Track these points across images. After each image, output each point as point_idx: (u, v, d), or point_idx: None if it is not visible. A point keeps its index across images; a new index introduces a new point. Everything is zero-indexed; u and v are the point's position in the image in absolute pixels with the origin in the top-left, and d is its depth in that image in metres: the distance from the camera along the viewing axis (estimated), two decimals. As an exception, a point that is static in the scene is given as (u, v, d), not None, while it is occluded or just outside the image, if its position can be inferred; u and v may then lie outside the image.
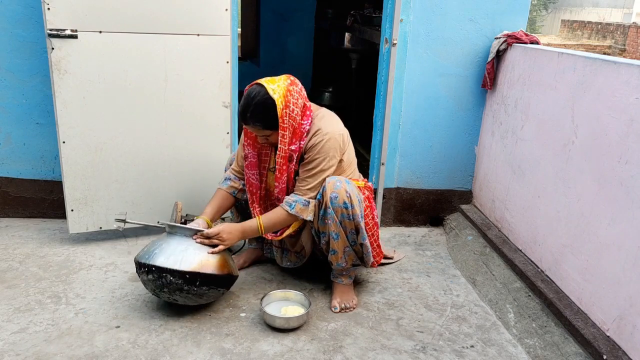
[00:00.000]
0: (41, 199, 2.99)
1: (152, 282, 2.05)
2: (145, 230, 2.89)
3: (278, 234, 2.30)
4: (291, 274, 2.53)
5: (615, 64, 1.93)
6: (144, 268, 2.04)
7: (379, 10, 4.11)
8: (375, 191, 3.09)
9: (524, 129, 2.56)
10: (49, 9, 2.33)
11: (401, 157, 3.08)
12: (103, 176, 2.64)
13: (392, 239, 3.02)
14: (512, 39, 2.74)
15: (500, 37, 2.82)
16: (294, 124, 2.12)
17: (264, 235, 2.31)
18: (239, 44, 6.21)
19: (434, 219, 3.24)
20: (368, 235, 2.25)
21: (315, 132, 2.16)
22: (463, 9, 2.86)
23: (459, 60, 2.95)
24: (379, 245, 2.38)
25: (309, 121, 2.18)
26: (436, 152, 3.09)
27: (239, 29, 5.88)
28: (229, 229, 2.15)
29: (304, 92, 2.20)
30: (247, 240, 2.64)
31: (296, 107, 2.12)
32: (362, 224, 2.18)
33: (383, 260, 2.67)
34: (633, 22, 15.56)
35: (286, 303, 2.24)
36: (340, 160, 2.23)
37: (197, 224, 2.20)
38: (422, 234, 3.13)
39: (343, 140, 2.22)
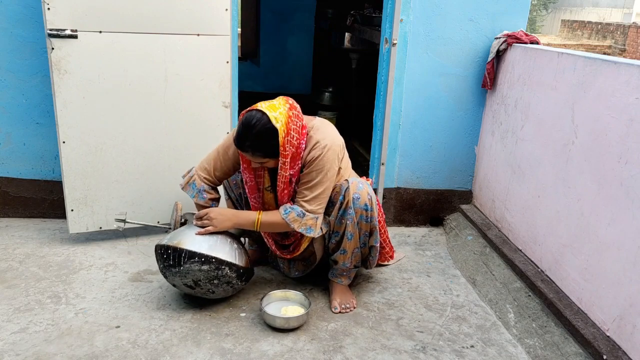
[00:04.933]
0: (41, 199, 2.99)
1: (205, 273, 2.07)
2: (145, 230, 2.88)
3: (291, 248, 2.31)
4: (291, 274, 2.54)
5: (615, 64, 1.93)
6: (199, 258, 2.04)
7: (379, 10, 4.11)
8: (375, 191, 3.09)
9: (524, 129, 2.56)
10: (49, 9, 2.33)
11: (401, 157, 3.08)
12: (103, 176, 2.64)
13: (392, 239, 3.01)
14: (512, 39, 2.74)
15: (500, 37, 2.82)
16: (293, 150, 2.05)
17: (276, 253, 2.34)
18: (239, 44, 6.21)
19: (434, 219, 3.24)
20: (380, 233, 2.27)
21: (314, 145, 2.09)
22: (463, 9, 2.86)
23: (459, 60, 2.95)
24: (390, 242, 2.43)
25: (305, 139, 2.11)
26: (436, 152, 3.09)
27: (239, 29, 5.88)
28: (220, 211, 2.17)
29: (301, 114, 2.12)
30: (247, 242, 2.64)
31: (296, 134, 2.04)
32: (378, 227, 2.21)
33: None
34: (633, 22, 15.56)
35: (286, 303, 2.24)
36: (340, 169, 2.20)
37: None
38: (422, 234, 3.13)
39: (340, 149, 2.18)
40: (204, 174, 2.27)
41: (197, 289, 2.12)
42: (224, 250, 2.12)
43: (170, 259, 2.07)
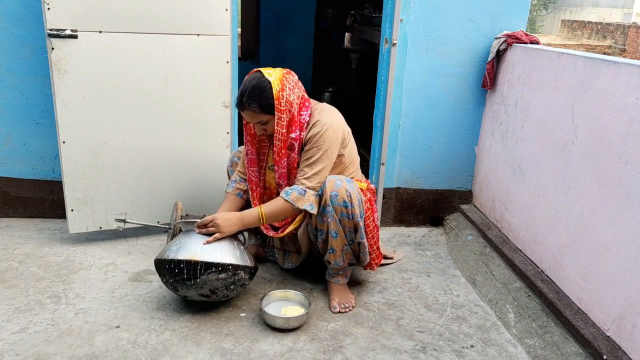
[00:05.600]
0: (41, 199, 2.99)
1: (223, 281, 2.06)
2: (145, 230, 2.89)
3: (279, 231, 2.30)
4: (291, 274, 2.54)
5: (615, 64, 1.93)
6: (216, 267, 2.03)
7: (379, 10, 4.11)
8: (375, 191, 3.09)
9: (524, 129, 2.56)
10: (49, 9, 2.33)
11: (401, 157, 3.08)
12: (103, 176, 2.64)
13: (392, 239, 3.02)
14: (512, 39, 2.74)
15: (500, 37, 2.82)
16: (291, 109, 2.13)
17: (265, 232, 2.32)
18: (239, 44, 6.21)
19: (434, 219, 3.24)
20: (368, 238, 2.26)
21: (315, 123, 2.17)
22: (463, 9, 2.86)
23: (459, 60, 2.95)
24: (378, 248, 2.38)
25: (308, 112, 2.20)
26: (436, 152, 3.09)
27: (239, 29, 5.87)
28: (225, 216, 2.15)
29: (301, 85, 2.23)
30: (247, 237, 2.64)
31: (292, 93, 2.14)
32: (361, 223, 2.19)
33: (383, 261, 2.67)
34: (633, 22, 15.56)
35: (286, 303, 2.24)
36: (341, 155, 2.23)
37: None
38: (422, 234, 3.13)
39: (343, 133, 2.23)
40: (239, 167, 2.43)
41: (213, 296, 2.12)
42: (235, 255, 2.10)
43: (184, 272, 2.02)
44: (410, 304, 2.36)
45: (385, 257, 2.68)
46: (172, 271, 2.04)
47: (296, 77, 2.22)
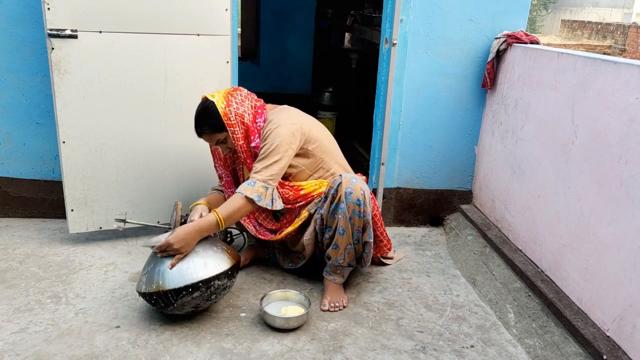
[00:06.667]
0: (41, 199, 2.99)
1: (200, 297, 2.02)
2: (145, 230, 2.89)
3: (277, 234, 2.30)
4: (291, 274, 2.54)
5: (615, 64, 1.93)
6: (186, 289, 1.97)
7: (379, 10, 4.11)
8: (375, 191, 3.09)
9: (524, 129, 2.56)
10: (49, 9, 2.33)
11: (401, 157, 3.08)
12: (103, 176, 2.64)
13: (392, 239, 3.01)
14: (512, 39, 2.74)
15: (500, 37, 2.82)
16: (243, 121, 2.19)
17: (263, 238, 2.33)
18: (239, 44, 6.21)
19: (434, 219, 3.24)
20: (377, 227, 2.29)
21: (267, 124, 2.23)
22: (463, 9, 2.86)
23: (459, 60, 2.95)
24: (387, 235, 2.44)
25: (262, 118, 2.26)
26: (436, 152, 3.09)
27: (239, 29, 5.87)
28: (180, 236, 2.02)
29: (253, 96, 2.30)
30: (246, 238, 2.64)
31: (242, 106, 2.21)
32: (371, 222, 2.21)
33: (383, 260, 2.67)
34: (633, 22, 15.56)
35: (286, 303, 2.24)
36: (307, 151, 2.25)
37: (196, 210, 2.25)
38: (422, 234, 3.13)
39: (301, 128, 2.23)
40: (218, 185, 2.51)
41: (200, 308, 2.12)
42: (204, 267, 2.02)
43: (160, 302, 2.01)
44: (410, 304, 2.36)
45: (385, 258, 2.69)
46: (149, 301, 2.06)
47: (245, 91, 2.29)
